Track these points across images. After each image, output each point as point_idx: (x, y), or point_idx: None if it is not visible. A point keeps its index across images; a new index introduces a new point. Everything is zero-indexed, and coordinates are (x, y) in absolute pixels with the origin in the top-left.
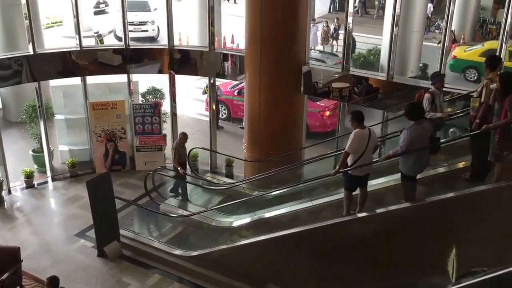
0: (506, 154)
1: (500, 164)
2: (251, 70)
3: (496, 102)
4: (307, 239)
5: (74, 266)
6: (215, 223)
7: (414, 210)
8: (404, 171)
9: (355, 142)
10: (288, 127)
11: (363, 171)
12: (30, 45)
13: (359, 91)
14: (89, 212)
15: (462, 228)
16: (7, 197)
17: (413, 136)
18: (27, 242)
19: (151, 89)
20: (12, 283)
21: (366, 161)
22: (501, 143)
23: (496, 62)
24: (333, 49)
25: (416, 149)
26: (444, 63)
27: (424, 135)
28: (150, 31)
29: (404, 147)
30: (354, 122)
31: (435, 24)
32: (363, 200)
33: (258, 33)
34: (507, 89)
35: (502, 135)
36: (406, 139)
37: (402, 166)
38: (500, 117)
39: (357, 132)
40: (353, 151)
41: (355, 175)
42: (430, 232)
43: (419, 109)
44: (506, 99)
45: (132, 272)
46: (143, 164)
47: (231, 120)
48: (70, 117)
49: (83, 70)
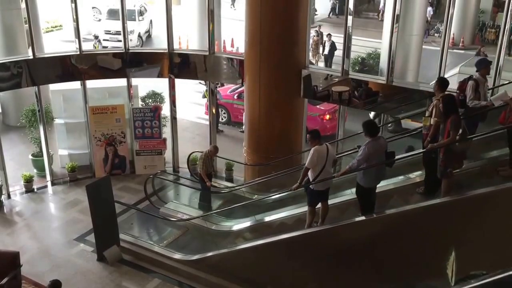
0: (450, 171)
1: (447, 180)
2: (251, 73)
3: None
4: (306, 243)
5: (74, 271)
6: (215, 227)
7: (402, 216)
8: (362, 184)
9: (314, 158)
10: (288, 131)
11: (324, 186)
12: (30, 49)
13: (358, 94)
14: (89, 216)
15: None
16: (6, 201)
17: (370, 152)
18: (26, 246)
19: (151, 93)
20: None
21: (326, 175)
22: (445, 160)
23: (445, 83)
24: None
25: (373, 164)
26: (444, 67)
27: (380, 150)
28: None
29: (362, 161)
30: (312, 140)
31: (435, 28)
32: (325, 213)
33: (258, 37)
34: (449, 111)
35: (445, 154)
36: (364, 154)
37: (360, 180)
38: (444, 137)
39: (316, 149)
40: (313, 166)
41: (316, 189)
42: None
43: (374, 127)
44: (448, 119)
45: (132, 276)
46: (143, 168)
47: (231, 124)
48: (69, 121)
49: (82, 74)
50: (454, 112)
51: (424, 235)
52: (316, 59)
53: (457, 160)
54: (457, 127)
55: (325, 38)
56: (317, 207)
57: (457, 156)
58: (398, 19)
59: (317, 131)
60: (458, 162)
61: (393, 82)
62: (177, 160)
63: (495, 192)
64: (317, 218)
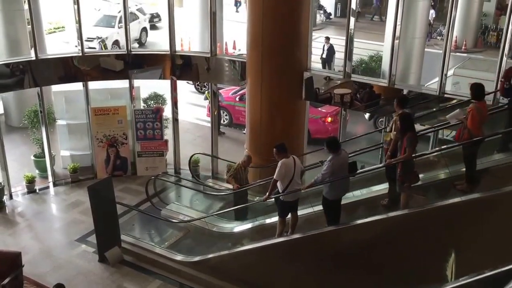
0: (406, 186)
1: (405, 195)
2: (253, 76)
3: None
4: (307, 246)
5: (75, 272)
6: (216, 228)
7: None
8: (328, 197)
9: (282, 170)
10: (290, 133)
11: (293, 197)
12: (33, 51)
13: (360, 97)
14: (90, 217)
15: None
16: (8, 202)
17: (334, 167)
18: (28, 247)
19: (153, 95)
20: None
21: (295, 187)
22: (401, 176)
23: (406, 101)
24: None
25: (337, 178)
26: (447, 70)
27: (344, 164)
28: (97, 48)
29: (326, 175)
30: (279, 153)
31: (437, 31)
32: (294, 223)
33: (260, 39)
34: (406, 128)
35: (402, 169)
36: (328, 169)
37: (326, 193)
38: (401, 153)
39: (283, 161)
40: (281, 178)
41: (286, 200)
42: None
43: (336, 143)
44: (405, 137)
45: (133, 277)
46: (144, 169)
47: (232, 126)
48: (71, 122)
49: (85, 76)
50: (410, 130)
51: (392, 244)
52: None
53: (413, 175)
54: (412, 144)
55: (323, 41)
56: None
57: (414, 171)
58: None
59: (283, 145)
60: (415, 177)
61: (395, 85)
62: (178, 161)
63: (448, 205)
64: (287, 228)
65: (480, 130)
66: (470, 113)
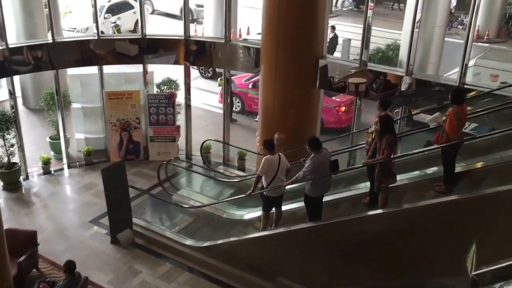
0: (384, 186)
1: (382, 194)
2: (267, 62)
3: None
4: (318, 235)
5: (88, 252)
6: (226, 215)
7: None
8: (310, 194)
9: (265, 166)
10: (303, 122)
11: (277, 193)
12: (49, 34)
13: (376, 86)
14: (103, 199)
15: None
16: (24, 182)
17: (315, 165)
18: (43, 226)
19: (166, 80)
20: (29, 265)
21: (278, 183)
22: (379, 177)
23: (388, 103)
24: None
25: (319, 176)
26: (468, 60)
27: (325, 162)
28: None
29: (307, 173)
30: (264, 149)
31: (458, 20)
32: (278, 218)
33: (275, 25)
34: (385, 131)
35: (380, 170)
36: (309, 167)
37: (309, 191)
38: (380, 154)
39: (267, 158)
40: (264, 174)
41: (269, 196)
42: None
43: (317, 142)
44: (383, 138)
45: (144, 259)
46: (156, 154)
47: (245, 113)
48: (86, 105)
49: (100, 60)
50: (390, 132)
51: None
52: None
53: (391, 176)
54: (391, 146)
55: (329, 30)
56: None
57: (392, 172)
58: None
59: (269, 142)
60: (392, 177)
61: (412, 74)
62: (190, 147)
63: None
64: (271, 222)
65: (457, 134)
66: (448, 116)
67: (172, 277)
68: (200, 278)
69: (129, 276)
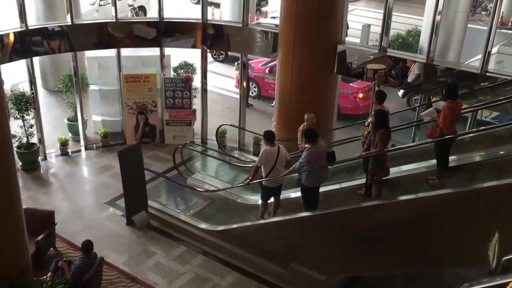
0: (377, 179)
1: (376, 186)
2: (285, 47)
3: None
4: (332, 221)
5: (104, 233)
6: (241, 200)
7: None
8: (306, 184)
9: (263, 157)
10: (319, 108)
11: (275, 183)
12: (68, 16)
13: (395, 73)
14: (119, 181)
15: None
16: (42, 163)
17: (311, 156)
18: (60, 207)
19: (183, 64)
20: (46, 244)
21: (277, 174)
22: (372, 169)
23: (383, 97)
24: None
25: (315, 167)
26: (491, 47)
27: (321, 154)
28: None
29: (304, 163)
30: (265, 141)
31: (482, 6)
32: (276, 207)
33: (294, 9)
34: (379, 125)
35: (373, 163)
36: (305, 158)
37: (305, 181)
38: (374, 147)
39: (266, 149)
40: (262, 165)
41: (267, 186)
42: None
43: (314, 134)
44: (378, 132)
45: (159, 242)
46: (172, 138)
47: (261, 98)
48: (103, 88)
49: (118, 43)
50: (384, 127)
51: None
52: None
53: (384, 169)
54: (384, 140)
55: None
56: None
57: (385, 165)
58: None
59: (271, 133)
60: (385, 171)
61: (433, 61)
62: (205, 132)
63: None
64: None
65: (451, 128)
66: (442, 111)
67: (186, 259)
68: (213, 261)
69: (143, 258)
